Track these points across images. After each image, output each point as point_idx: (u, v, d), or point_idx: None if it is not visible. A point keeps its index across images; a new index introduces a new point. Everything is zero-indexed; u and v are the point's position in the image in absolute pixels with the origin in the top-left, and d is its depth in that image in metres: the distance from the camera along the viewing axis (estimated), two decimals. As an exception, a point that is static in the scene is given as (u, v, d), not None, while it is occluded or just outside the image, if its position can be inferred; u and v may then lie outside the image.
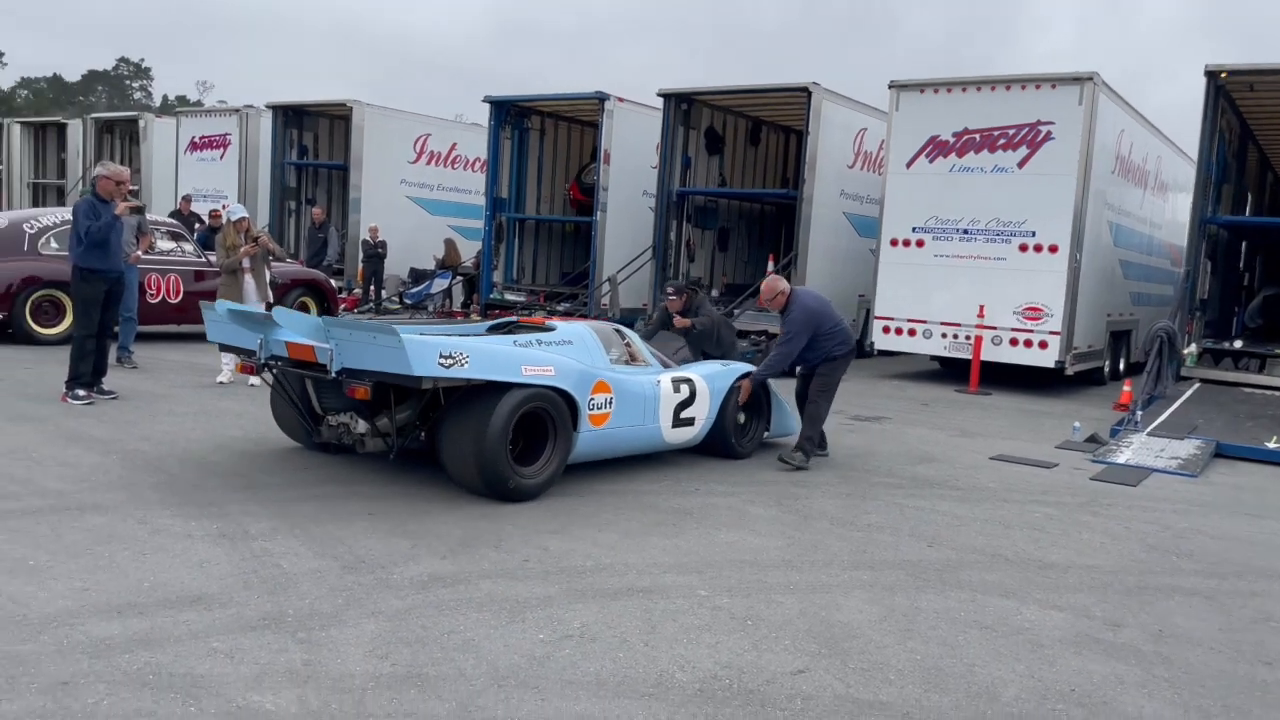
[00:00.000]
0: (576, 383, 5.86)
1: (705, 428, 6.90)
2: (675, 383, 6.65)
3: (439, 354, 5.11)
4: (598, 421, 6.06)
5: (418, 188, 20.82)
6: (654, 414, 6.47)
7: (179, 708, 2.92)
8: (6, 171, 24.09)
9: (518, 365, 5.53)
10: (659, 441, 6.62)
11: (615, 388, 6.18)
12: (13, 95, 79.47)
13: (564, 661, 3.44)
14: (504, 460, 5.36)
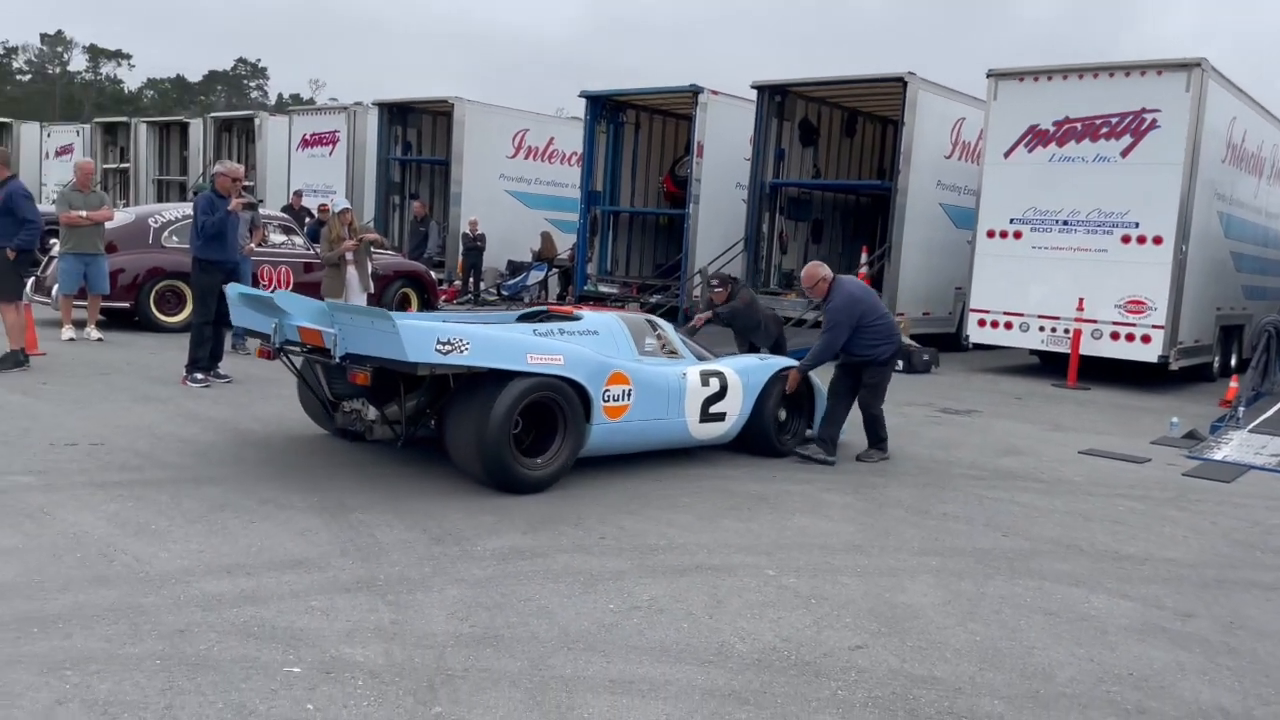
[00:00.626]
0: (589, 373, 5.70)
1: (738, 423, 6.70)
2: (704, 376, 6.45)
3: (436, 340, 5.05)
4: (614, 414, 5.88)
5: (516, 182, 21.29)
6: (679, 407, 6.28)
7: (279, 655, 3.22)
8: (134, 168, 25.55)
9: (523, 354, 5.41)
10: (685, 436, 6.43)
11: (634, 379, 6.00)
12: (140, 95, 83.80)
13: (631, 630, 3.63)
14: (506, 449, 5.27)
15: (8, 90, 76.96)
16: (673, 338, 6.89)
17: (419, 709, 2.93)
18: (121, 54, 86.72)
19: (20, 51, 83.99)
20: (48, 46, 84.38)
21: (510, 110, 21.79)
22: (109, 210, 10.02)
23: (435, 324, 5.42)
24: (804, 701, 3.15)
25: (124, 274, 10.66)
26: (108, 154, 26.73)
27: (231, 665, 3.12)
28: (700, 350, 7.15)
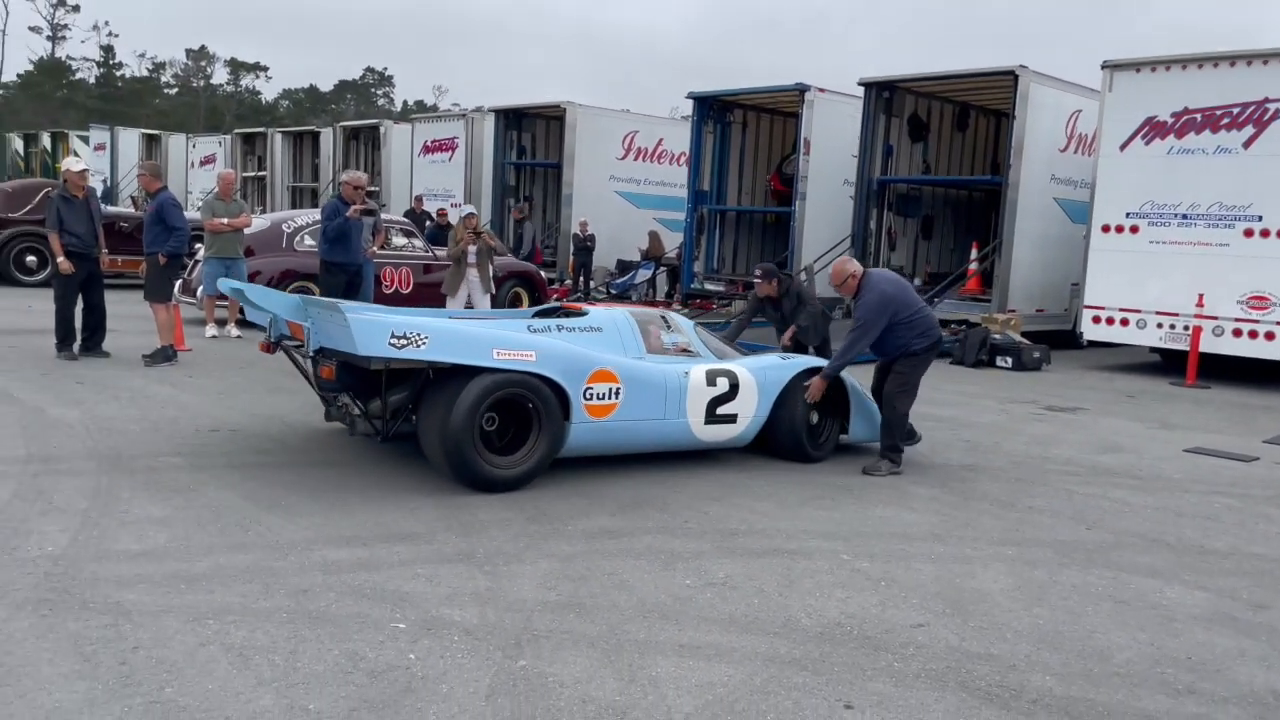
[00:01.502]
0: (565, 370, 5.53)
1: (753, 426, 6.36)
2: (711, 375, 6.17)
3: (390, 334, 4.99)
4: (599, 412, 5.68)
5: (625, 182, 21.73)
6: (679, 408, 6.02)
7: (387, 613, 3.62)
8: (270, 176, 27.08)
9: (488, 349, 5.30)
10: (689, 438, 6.15)
11: (624, 377, 5.78)
12: (276, 106, 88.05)
13: (704, 603, 3.91)
14: (469, 447, 5.18)
15: (156, 104, 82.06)
16: (689, 335, 6.68)
17: (506, 662, 3.28)
18: (259, 66, 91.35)
19: (168, 66, 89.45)
20: (192, 61, 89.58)
21: (620, 113, 22.24)
22: (247, 217, 10.84)
23: (393, 317, 5.32)
24: (859, 670, 3.37)
25: (260, 275, 11.48)
26: (246, 163, 28.37)
27: (346, 620, 3.54)
28: (725, 349, 6.90)
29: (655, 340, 6.44)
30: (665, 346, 6.45)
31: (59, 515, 4.50)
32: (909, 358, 6.36)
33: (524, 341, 5.55)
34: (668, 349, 6.44)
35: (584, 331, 6.13)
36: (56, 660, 3.10)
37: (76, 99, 76.38)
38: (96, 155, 32.59)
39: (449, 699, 3.01)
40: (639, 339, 6.31)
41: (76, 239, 8.81)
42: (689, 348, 6.56)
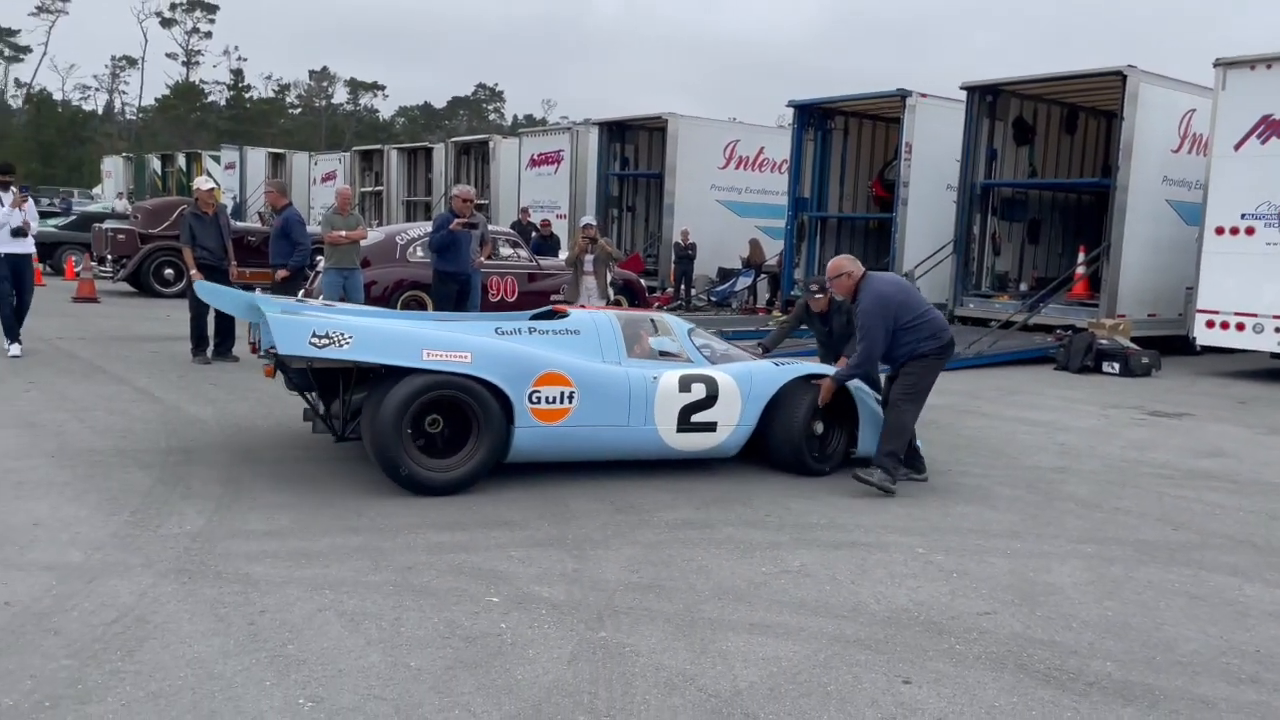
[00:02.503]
0: (506, 372, 5.36)
1: (737, 435, 6.02)
2: (685, 381, 5.87)
3: (311, 333, 5.01)
4: (549, 417, 5.50)
5: (726, 191, 21.94)
6: (646, 414, 5.75)
7: (482, 589, 3.96)
8: (386, 191, 28.26)
9: (417, 349, 5.22)
10: (659, 446, 5.87)
11: (580, 381, 5.58)
12: (392, 123, 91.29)
13: (777, 588, 4.12)
14: (397, 448, 5.13)
15: (282, 123, 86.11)
16: (681, 340, 6.38)
17: (588, 633, 3.57)
18: (377, 86, 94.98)
19: (292, 88, 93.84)
20: (315, 82, 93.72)
21: (722, 123, 22.47)
22: (363, 230, 11.47)
23: (318, 317, 5.35)
24: (920, 651, 3.53)
25: (376, 285, 12.12)
26: (364, 178, 29.67)
27: (446, 593, 3.89)
28: (734, 353, 6.62)
29: (644, 345, 6.21)
30: (653, 351, 6.21)
31: (196, 499, 5.00)
32: (917, 360, 5.89)
33: (460, 342, 5.39)
34: (656, 353, 6.21)
35: (559, 334, 5.98)
36: (195, 620, 3.53)
37: (209, 121, 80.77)
38: (226, 174, 34.54)
39: (534, 662, 3.31)
40: (620, 343, 6.07)
41: (207, 253, 9.57)
42: (675, 351, 6.29)
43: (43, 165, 70.99)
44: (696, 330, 6.71)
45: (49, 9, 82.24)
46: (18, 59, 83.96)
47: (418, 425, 5.31)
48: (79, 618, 3.48)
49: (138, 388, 8.22)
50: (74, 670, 3.09)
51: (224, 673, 3.13)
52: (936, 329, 5.97)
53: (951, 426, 8.14)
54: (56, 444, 6.10)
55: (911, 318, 5.89)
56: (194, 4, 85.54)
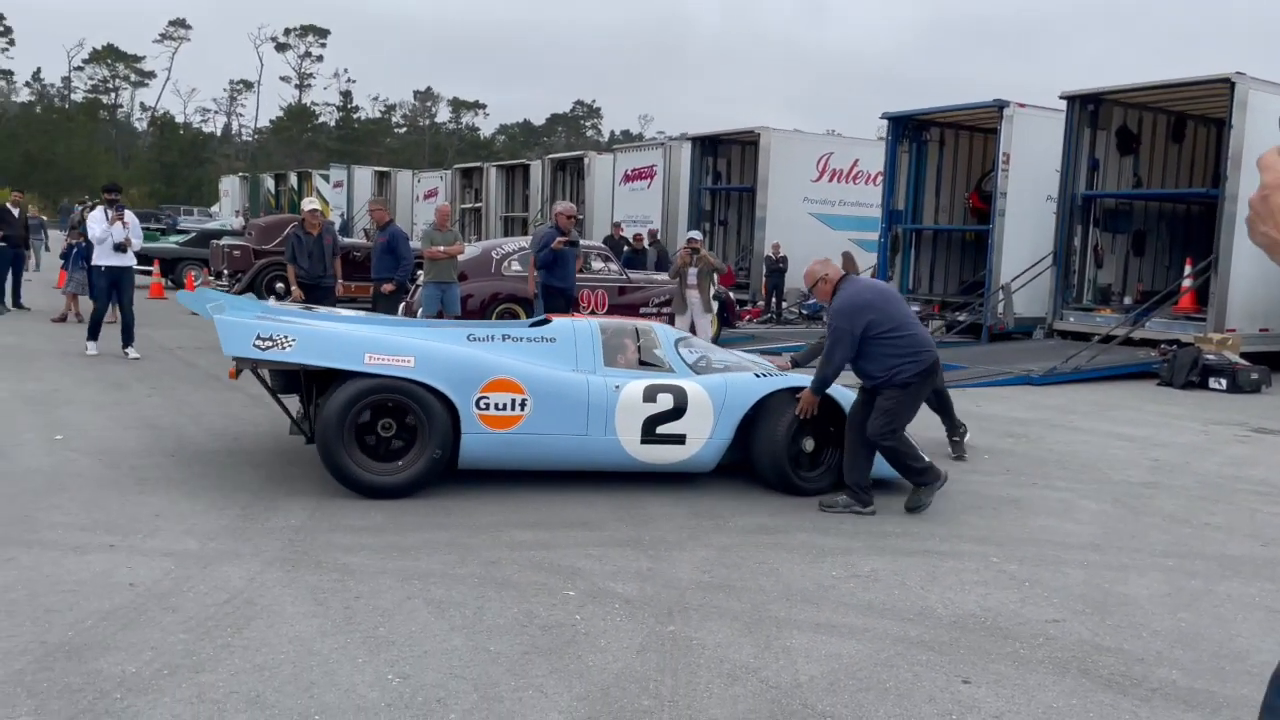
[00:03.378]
0: (450, 377, 5.34)
1: (710, 449, 5.76)
2: (651, 391, 5.67)
3: (256, 336, 5.16)
4: (499, 424, 5.44)
5: (819, 204, 21.90)
6: (606, 424, 5.60)
7: (560, 583, 4.17)
8: (485, 207, 29.05)
9: (360, 353, 5.27)
10: (622, 457, 5.69)
11: (533, 388, 5.50)
12: (493, 141, 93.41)
13: (845, 591, 4.22)
14: (339, 450, 5.21)
15: (387, 142, 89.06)
16: (665, 349, 6.19)
17: (657, 626, 3.74)
18: (478, 104, 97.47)
19: (398, 108, 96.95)
20: (419, 102, 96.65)
21: (815, 136, 22.47)
22: (461, 245, 11.91)
23: (263, 321, 5.47)
24: (983, 653, 3.60)
25: (473, 299, 12.56)
26: (464, 195, 30.54)
27: (526, 586, 4.11)
28: (737, 362, 6.39)
29: (628, 355, 6.09)
30: (635, 360, 6.08)
31: (300, 496, 5.35)
32: (897, 389, 5.38)
33: (403, 346, 5.42)
34: (638, 363, 6.07)
35: (533, 342, 5.97)
36: (297, 603, 3.83)
37: (319, 141, 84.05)
38: (335, 192, 35.96)
39: (605, 650, 3.50)
40: (597, 351, 5.97)
41: (304, 270, 10.02)
42: (658, 362, 6.10)
43: (165, 185, 75.02)
44: (688, 341, 6.56)
45: (172, 36, 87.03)
46: (143, 84, 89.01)
47: (368, 428, 5.38)
48: (194, 598, 3.82)
49: (250, 394, 8.73)
50: (189, 644, 3.41)
51: (321, 649, 3.41)
52: (917, 347, 5.43)
53: (1041, 440, 8.05)
54: (175, 444, 6.57)
55: (888, 328, 5.40)
56: (306, 29, 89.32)
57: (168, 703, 2.99)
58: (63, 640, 3.38)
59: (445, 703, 3.07)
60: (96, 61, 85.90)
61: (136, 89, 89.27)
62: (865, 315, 5.39)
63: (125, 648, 3.35)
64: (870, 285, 5.82)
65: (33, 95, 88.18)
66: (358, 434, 5.34)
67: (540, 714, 3.03)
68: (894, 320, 5.44)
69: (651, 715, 3.05)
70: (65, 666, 3.19)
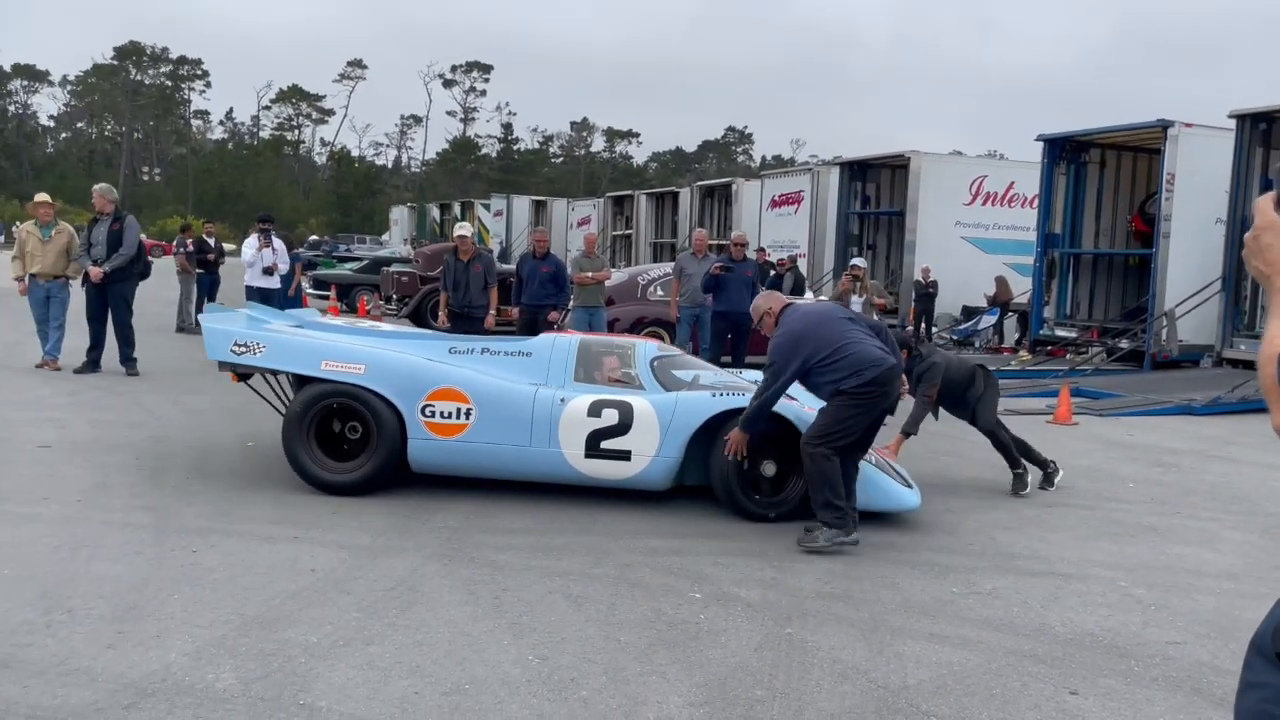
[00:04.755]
0: (397, 385, 5.67)
1: (658, 467, 5.67)
2: (596, 406, 5.69)
3: (233, 343, 5.78)
4: (445, 431, 5.68)
5: (972, 228, 21.51)
6: (550, 437, 5.67)
7: (687, 586, 4.48)
8: (635, 233, 29.82)
9: (317, 360, 5.74)
10: (566, 470, 5.74)
11: (478, 398, 5.68)
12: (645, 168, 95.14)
13: (964, 606, 4.36)
14: (299, 447, 5.71)
15: (545, 172, 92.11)
16: (639, 365, 6.18)
17: (775, 628, 4.00)
18: (632, 133, 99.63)
19: (555, 138, 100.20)
20: (575, 132, 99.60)
21: (968, 159, 22.12)
22: (607, 271, 12.46)
23: (241, 329, 6.03)
24: (1094, 669, 3.68)
25: (619, 322, 13.08)
26: (615, 222, 31.42)
27: (655, 587, 4.44)
28: (733, 383, 6.20)
29: (604, 370, 6.17)
30: (610, 377, 6.12)
31: (459, 500, 5.84)
32: (839, 395, 5.17)
33: (357, 354, 5.81)
34: (600, 380, 6.11)
35: (510, 355, 6.18)
36: (452, 592, 4.28)
37: (481, 171, 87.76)
38: (495, 220, 37.61)
39: (725, 646, 3.78)
40: (570, 367, 6.10)
41: (454, 296, 10.21)
42: (629, 379, 6.11)
43: (341, 215, 79.92)
44: (677, 359, 6.54)
45: (350, 76, 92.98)
46: (323, 121, 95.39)
47: (328, 429, 5.88)
48: (365, 584, 4.33)
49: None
50: (360, 621, 3.90)
51: (472, 632, 3.83)
52: (857, 365, 5.14)
53: (1193, 471, 7.83)
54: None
55: (824, 355, 5.19)
56: (472, 65, 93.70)
57: (342, 668, 3.46)
58: (257, 613, 3.93)
59: (577, 681, 3.43)
60: (282, 101, 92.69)
61: (317, 125, 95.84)
62: (801, 349, 5.22)
63: (307, 622, 3.86)
64: (804, 314, 5.52)
65: (226, 133, 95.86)
66: (318, 434, 5.83)
67: (661, 696, 3.35)
68: (830, 345, 5.23)
69: (763, 704, 3.32)
70: (259, 634, 3.72)
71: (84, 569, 4.36)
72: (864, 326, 5.49)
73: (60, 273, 10.25)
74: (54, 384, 9.48)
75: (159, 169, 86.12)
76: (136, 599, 4.02)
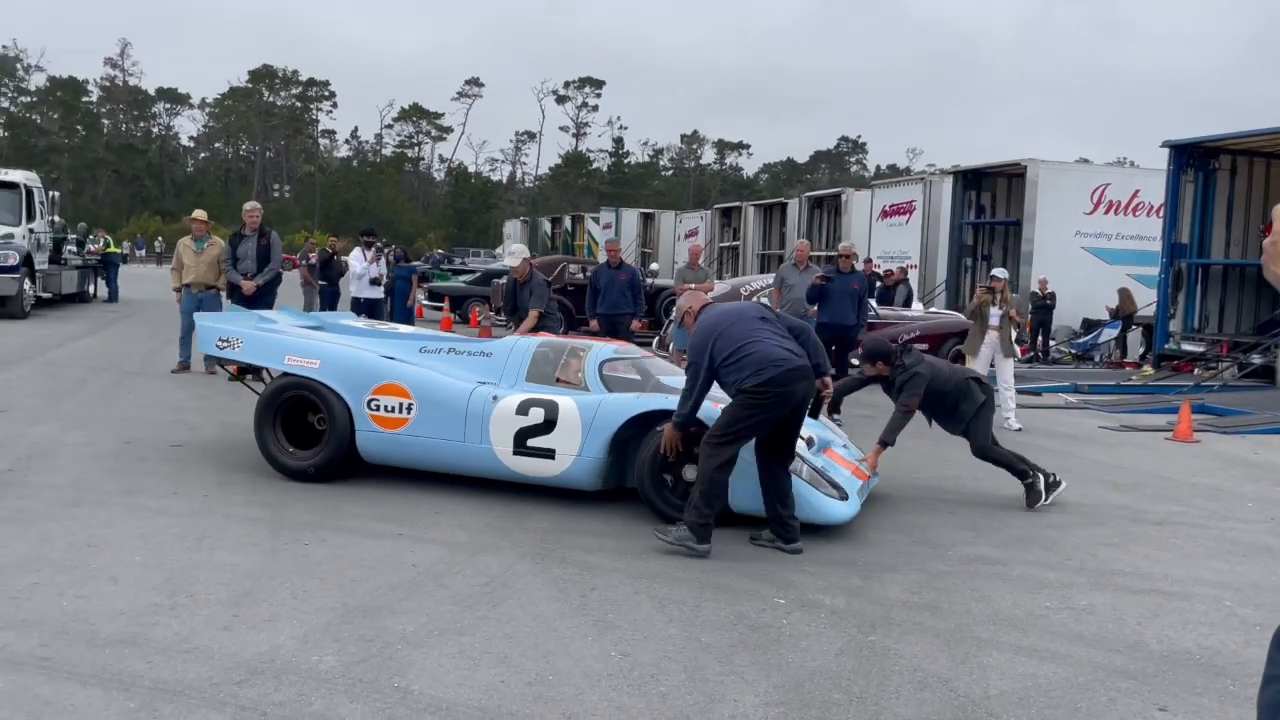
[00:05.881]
0: (345, 380, 6.07)
1: (581, 466, 5.72)
2: (525, 405, 5.82)
3: (218, 338, 6.51)
4: (389, 424, 6.01)
5: (1093, 238, 20.79)
6: (481, 433, 5.85)
7: (772, 591, 4.53)
8: (743, 245, 29.79)
9: (281, 355, 6.31)
10: (496, 466, 5.89)
11: (418, 394, 5.98)
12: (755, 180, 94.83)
13: (1056, 621, 4.28)
14: (266, 433, 6.26)
15: (655, 185, 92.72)
16: (587, 367, 6.25)
17: (859, 635, 4.01)
18: (742, 145, 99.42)
19: (665, 151, 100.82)
20: (685, 145, 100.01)
21: (1089, 167, 21.44)
22: (711, 282, 12.57)
23: (225, 326, 6.70)
24: (1187, 687, 3.58)
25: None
26: (723, 234, 31.45)
27: (740, 592, 4.50)
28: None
29: (554, 371, 6.28)
30: (557, 377, 6.24)
31: (552, 504, 6.01)
32: (740, 394, 5.08)
33: (313, 350, 6.29)
34: (560, 380, 6.22)
35: (472, 355, 6.50)
36: (542, 589, 4.44)
37: (592, 185, 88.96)
38: (604, 232, 38.11)
39: (806, 651, 3.82)
40: (523, 367, 6.29)
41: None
42: (578, 381, 6.20)
43: (458, 229, 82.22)
44: (639, 363, 6.53)
45: (467, 94, 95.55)
46: (442, 138, 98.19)
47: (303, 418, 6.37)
48: (461, 579, 4.52)
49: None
50: (455, 613, 4.09)
51: (559, 627, 3.97)
52: (758, 365, 5.03)
53: (1322, 491, 7.42)
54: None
55: (729, 353, 5.12)
56: (584, 81, 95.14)
57: (436, 656, 3.65)
58: (360, 603, 4.16)
59: (657, 678, 3.53)
60: (404, 119, 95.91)
61: (436, 142, 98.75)
62: (708, 345, 5.18)
63: (406, 612, 4.07)
64: (719, 312, 5.46)
65: (351, 151, 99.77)
66: (285, 423, 6.33)
67: (739, 694, 3.42)
68: (735, 343, 5.16)
69: (839, 708, 3.35)
70: (360, 622, 3.95)
71: (206, 558, 4.68)
72: (778, 326, 5.40)
73: (212, 283, 11.03)
74: (188, 388, 10.11)
75: (288, 186, 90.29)
76: (251, 586, 4.30)
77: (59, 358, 12.05)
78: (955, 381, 6.65)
